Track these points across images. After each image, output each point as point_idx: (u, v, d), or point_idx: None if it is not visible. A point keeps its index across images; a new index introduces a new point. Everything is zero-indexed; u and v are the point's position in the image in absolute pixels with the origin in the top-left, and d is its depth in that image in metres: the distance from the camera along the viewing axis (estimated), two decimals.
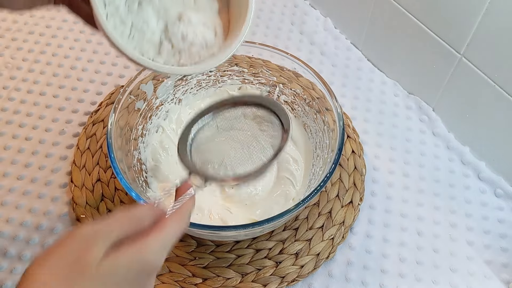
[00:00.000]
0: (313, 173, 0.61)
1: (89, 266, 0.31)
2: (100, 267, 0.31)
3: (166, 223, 0.35)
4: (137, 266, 0.33)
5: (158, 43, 0.44)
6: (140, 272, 0.33)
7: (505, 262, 0.59)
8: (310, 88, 0.62)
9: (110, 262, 0.32)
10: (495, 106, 0.61)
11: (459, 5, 0.60)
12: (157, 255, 0.34)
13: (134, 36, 0.43)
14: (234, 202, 0.60)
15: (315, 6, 0.88)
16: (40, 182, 0.64)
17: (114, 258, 0.32)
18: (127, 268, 0.32)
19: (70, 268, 0.31)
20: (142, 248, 0.33)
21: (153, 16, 0.43)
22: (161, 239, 0.34)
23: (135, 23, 0.43)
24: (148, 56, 0.43)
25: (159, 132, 0.65)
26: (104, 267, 0.31)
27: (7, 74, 0.76)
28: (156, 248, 0.34)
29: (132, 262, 0.33)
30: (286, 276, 0.56)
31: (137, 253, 0.33)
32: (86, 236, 0.32)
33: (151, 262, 0.33)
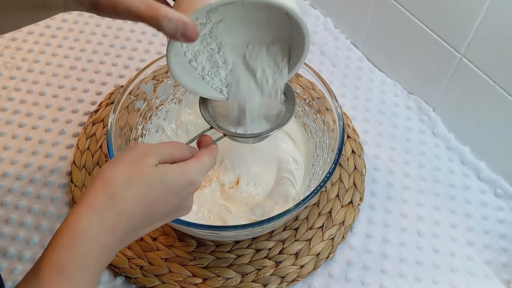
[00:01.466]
0: (313, 173, 0.61)
1: (147, 167, 0.40)
2: (154, 169, 0.40)
3: (201, 154, 0.44)
4: (181, 178, 0.41)
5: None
6: (184, 184, 0.41)
7: (505, 262, 0.59)
8: (310, 88, 0.62)
9: (162, 169, 0.40)
10: (495, 106, 0.61)
11: (459, 5, 0.60)
12: (196, 176, 0.42)
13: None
14: (234, 202, 0.60)
15: (315, 6, 0.88)
16: (40, 182, 0.64)
17: (165, 167, 0.41)
18: (174, 177, 0.41)
19: (131, 167, 0.39)
20: (185, 167, 0.42)
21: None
22: (199, 164, 0.43)
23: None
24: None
25: (159, 132, 0.65)
26: (158, 170, 0.40)
27: (7, 74, 0.76)
28: (195, 169, 0.42)
29: (178, 173, 0.41)
30: (286, 276, 0.56)
31: (181, 169, 0.41)
32: (144, 149, 0.41)
33: (192, 178, 0.42)
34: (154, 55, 0.79)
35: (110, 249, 0.38)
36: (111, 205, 0.38)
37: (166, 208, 0.41)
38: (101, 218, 0.37)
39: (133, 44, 0.81)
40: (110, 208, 0.38)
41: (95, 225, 0.37)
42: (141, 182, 0.39)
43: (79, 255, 0.36)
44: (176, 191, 0.41)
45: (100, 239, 0.37)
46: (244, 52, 0.49)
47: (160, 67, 0.61)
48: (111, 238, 0.38)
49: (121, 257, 0.57)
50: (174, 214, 0.43)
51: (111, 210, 0.38)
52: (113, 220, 0.38)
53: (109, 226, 0.37)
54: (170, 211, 0.42)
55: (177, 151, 0.43)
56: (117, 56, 0.79)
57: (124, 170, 0.39)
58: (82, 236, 0.36)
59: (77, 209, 0.37)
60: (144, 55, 0.80)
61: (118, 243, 0.39)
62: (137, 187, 0.39)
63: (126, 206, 0.38)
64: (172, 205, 0.41)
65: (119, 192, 0.38)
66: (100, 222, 0.37)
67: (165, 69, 0.62)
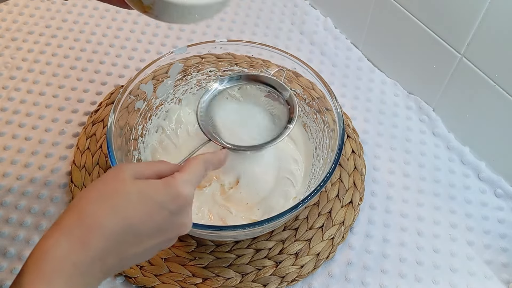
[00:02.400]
0: (313, 173, 0.61)
1: (122, 181, 0.37)
2: (131, 182, 0.37)
3: (187, 165, 0.40)
4: (164, 190, 0.37)
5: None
6: (169, 197, 0.37)
7: (505, 262, 0.59)
8: (310, 88, 0.62)
9: (140, 183, 0.37)
10: (495, 106, 0.61)
11: (459, 5, 0.60)
12: (182, 187, 0.38)
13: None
14: (234, 202, 0.60)
15: (315, 6, 0.88)
16: (40, 182, 0.64)
17: (144, 181, 0.37)
18: (155, 189, 0.37)
19: (104, 183, 0.37)
20: (168, 179, 0.38)
21: None
22: (184, 175, 0.39)
23: None
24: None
25: (159, 132, 0.65)
26: (135, 183, 0.37)
27: (7, 74, 0.76)
28: (180, 181, 0.38)
29: (160, 186, 0.37)
30: (286, 276, 0.56)
31: (164, 181, 0.38)
32: (120, 166, 0.38)
33: (178, 190, 0.38)
34: (154, 55, 0.80)
35: (84, 267, 0.34)
36: (80, 221, 0.35)
37: (151, 224, 0.37)
38: (68, 235, 0.34)
39: (133, 44, 0.81)
40: (78, 223, 0.35)
41: (63, 242, 0.34)
42: (115, 196, 0.36)
43: (45, 276, 0.33)
44: (161, 204, 0.37)
45: (69, 256, 0.34)
46: None
47: (160, 67, 0.61)
48: (82, 254, 0.34)
49: None
50: (166, 232, 0.39)
51: (80, 226, 0.35)
52: (82, 234, 0.34)
53: (78, 241, 0.34)
54: (159, 228, 0.38)
55: (160, 166, 0.40)
56: (117, 56, 0.79)
57: (96, 187, 0.37)
58: (48, 254, 0.33)
59: (46, 232, 0.35)
60: (144, 55, 0.80)
61: (95, 261, 0.35)
62: (109, 200, 0.36)
63: (96, 219, 0.35)
64: (159, 220, 0.37)
65: (88, 207, 0.35)
66: (68, 239, 0.34)
67: (165, 69, 0.62)
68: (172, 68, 0.63)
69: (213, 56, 0.66)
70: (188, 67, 0.65)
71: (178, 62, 0.63)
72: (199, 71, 0.66)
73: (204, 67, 0.66)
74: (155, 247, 0.39)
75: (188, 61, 0.64)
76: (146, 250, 0.38)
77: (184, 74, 0.65)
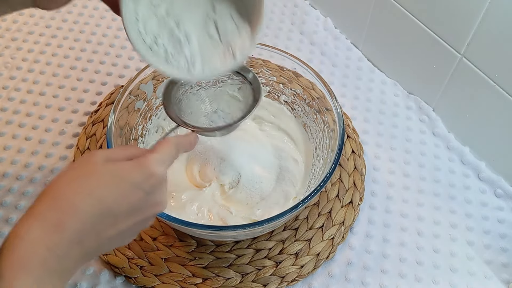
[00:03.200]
0: (313, 173, 0.61)
1: (93, 164, 0.37)
2: (102, 165, 0.37)
3: (158, 145, 0.40)
4: (137, 169, 0.37)
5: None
6: (142, 176, 0.37)
7: (505, 262, 0.59)
8: (310, 88, 0.62)
9: (111, 164, 0.37)
10: (495, 106, 0.61)
11: (459, 5, 0.60)
12: (154, 166, 0.38)
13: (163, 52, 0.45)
14: (234, 202, 0.60)
15: (315, 6, 0.88)
16: (40, 182, 0.64)
17: (115, 163, 0.37)
18: (127, 169, 0.37)
19: (75, 168, 0.37)
20: (140, 159, 0.38)
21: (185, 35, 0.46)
22: (156, 155, 0.39)
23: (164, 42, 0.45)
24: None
25: (159, 132, 0.65)
26: (106, 165, 0.37)
27: (7, 74, 0.76)
28: (152, 160, 0.38)
29: (132, 165, 0.37)
30: (286, 276, 0.56)
31: (136, 161, 0.38)
32: (91, 152, 0.39)
33: (150, 169, 0.38)
34: None
35: (59, 250, 0.34)
36: (53, 204, 0.35)
37: (127, 203, 0.37)
38: (42, 219, 0.34)
39: None
40: (51, 207, 0.35)
41: (36, 226, 0.34)
42: (87, 178, 0.36)
43: (19, 260, 0.33)
44: (134, 184, 0.37)
45: (43, 240, 0.33)
46: (206, 24, 0.46)
47: None
48: (57, 238, 0.34)
49: (121, 257, 0.57)
50: (142, 211, 0.38)
51: (53, 209, 0.34)
52: (55, 217, 0.34)
53: (52, 224, 0.34)
54: (135, 208, 0.37)
55: (132, 150, 0.40)
56: (117, 56, 0.79)
57: (69, 172, 0.37)
58: (22, 239, 0.33)
59: (20, 218, 0.35)
60: None
61: (72, 244, 0.34)
62: (82, 182, 0.36)
63: (70, 201, 0.35)
64: (134, 200, 0.37)
65: (61, 190, 0.35)
66: (42, 223, 0.34)
67: None
68: None
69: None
70: None
71: None
72: None
73: None
74: (132, 228, 0.38)
75: None
76: (123, 231, 0.38)
77: None
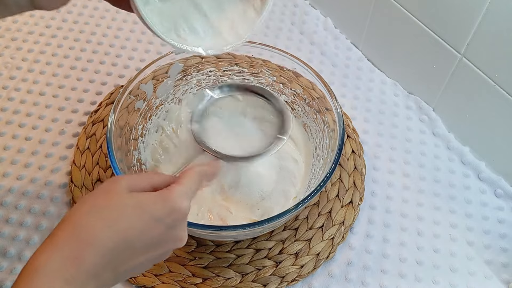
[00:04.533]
0: (313, 173, 0.61)
1: (115, 194, 0.36)
2: (126, 195, 0.36)
3: (182, 177, 0.40)
4: (161, 203, 0.36)
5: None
6: (166, 210, 0.36)
7: (505, 262, 0.59)
8: (310, 88, 0.62)
9: (135, 195, 0.36)
10: (495, 106, 0.61)
11: (459, 5, 0.60)
12: (179, 200, 0.37)
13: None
14: (234, 202, 0.60)
15: (315, 6, 0.88)
16: (40, 182, 0.64)
17: (139, 194, 0.37)
18: (152, 202, 0.36)
19: (97, 197, 0.36)
20: (164, 192, 0.37)
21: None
22: (181, 187, 0.38)
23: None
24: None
25: (159, 132, 0.65)
26: (130, 196, 0.36)
27: (7, 74, 0.76)
28: (177, 193, 0.38)
29: (157, 198, 0.37)
30: (286, 276, 0.56)
31: (160, 194, 0.37)
32: (113, 178, 0.38)
33: (175, 203, 0.37)
34: (154, 55, 0.79)
35: (77, 284, 0.33)
36: (74, 235, 0.34)
37: (147, 238, 0.36)
38: (61, 249, 0.33)
39: (133, 44, 0.81)
40: (72, 238, 0.33)
41: (56, 258, 0.33)
42: (109, 209, 0.35)
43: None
44: (157, 218, 0.36)
45: (61, 272, 0.32)
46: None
47: (160, 67, 0.61)
48: (75, 270, 0.33)
49: None
50: (162, 246, 0.38)
51: (73, 240, 0.33)
52: (75, 249, 0.33)
53: (72, 256, 0.33)
54: (155, 242, 0.37)
55: (155, 178, 0.39)
56: (117, 56, 0.79)
57: (91, 200, 0.36)
58: (40, 271, 0.32)
59: (39, 247, 0.34)
60: (144, 55, 0.80)
61: (89, 278, 0.33)
62: (103, 213, 0.35)
63: (91, 233, 0.34)
64: (155, 234, 0.36)
65: (82, 220, 0.34)
66: (61, 254, 0.33)
67: (165, 69, 0.62)
68: (172, 68, 0.63)
69: (213, 56, 0.66)
70: (188, 67, 0.65)
71: (178, 62, 0.63)
72: (199, 71, 0.66)
73: (204, 67, 0.66)
74: (150, 261, 0.38)
75: (188, 61, 0.64)
76: (141, 264, 0.37)
77: (184, 74, 0.65)
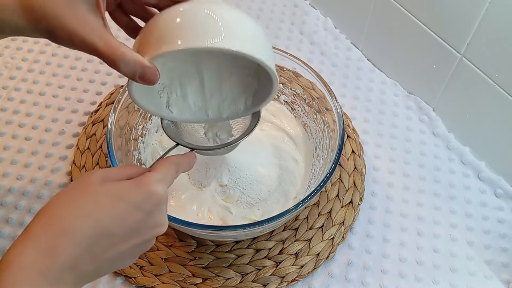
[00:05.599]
0: (313, 173, 0.61)
1: (89, 184, 0.35)
2: (99, 185, 0.35)
3: (158, 165, 0.40)
4: (136, 189, 0.36)
5: None
6: (142, 196, 0.36)
7: (505, 262, 0.59)
8: (310, 88, 0.62)
9: (109, 184, 0.36)
10: (495, 106, 0.61)
11: (459, 5, 0.60)
12: (154, 186, 0.37)
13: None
14: (234, 202, 0.60)
15: (315, 6, 0.88)
16: (40, 182, 0.64)
17: (113, 183, 0.36)
18: (126, 189, 0.36)
19: (71, 189, 0.36)
20: (139, 178, 0.37)
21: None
22: (156, 174, 0.38)
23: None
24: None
25: (159, 132, 0.65)
26: (103, 185, 0.35)
27: (7, 74, 0.76)
28: (152, 179, 0.37)
29: (131, 185, 0.36)
30: (286, 276, 0.56)
31: (135, 181, 0.37)
32: (88, 172, 0.37)
33: (150, 189, 0.37)
34: None
35: (53, 275, 0.32)
36: (48, 226, 0.33)
37: (125, 224, 0.35)
38: (36, 242, 0.32)
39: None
40: (46, 229, 0.33)
41: (30, 250, 0.32)
42: (83, 199, 0.35)
43: (10, 286, 0.31)
44: (133, 204, 0.35)
45: (36, 264, 0.32)
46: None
47: None
48: (50, 262, 0.32)
49: None
50: (142, 233, 0.37)
51: (47, 231, 0.33)
52: (50, 240, 0.33)
53: (46, 247, 0.32)
54: (134, 229, 0.36)
55: (131, 169, 0.39)
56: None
57: (65, 192, 0.35)
58: (14, 264, 0.32)
59: (15, 240, 0.33)
60: None
61: (65, 269, 0.33)
62: (78, 203, 0.34)
63: (65, 223, 0.33)
64: (134, 221, 0.36)
65: (56, 211, 0.34)
66: (35, 246, 0.32)
67: None
68: None
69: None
70: None
71: None
72: None
73: None
74: (132, 250, 0.37)
75: None
76: (122, 254, 0.36)
77: None
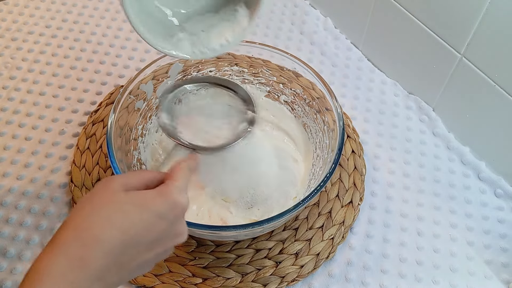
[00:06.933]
0: (313, 173, 0.61)
1: (113, 192, 0.36)
2: (123, 193, 0.36)
3: (173, 173, 0.40)
4: (162, 199, 0.37)
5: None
6: (167, 206, 0.37)
7: (505, 262, 0.59)
8: (310, 88, 0.62)
9: (133, 193, 0.36)
10: (495, 106, 0.61)
11: (459, 5, 0.60)
12: (177, 195, 0.38)
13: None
14: (234, 202, 0.60)
15: (315, 6, 0.88)
16: (40, 182, 0.64)
17: (137, 192, 0.37)
18: (152, 198, 0.36)
19: (93, 196, 0.36)
20: (162, 188, 0.38)
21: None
22: (176, 183, 0.39)
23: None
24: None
25: (159, 132, 0.65)
26: (128, 194, 0.36)
27: (7, 74, 0.76)
28: (174, 189, 0.38)
29: (156, 195, 0.37)
30: (286, 276, 0.56)
31: (159, 191, 0.37)
32: (107, 178, 0.38)
33: (174, 199, 0.37)
34: (154, 55, 0.79)
35: (81, 286, 0.33)
36: (76, 236, 0.33)
37: (151, 234, 0.36)
38: (65, 252, 0.33)
39: (133, 44, 0.81)
40: (75, 239, 0.33)
41: (60, 260, 0.32)
42: (110, 207, 0.35)
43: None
44: (160, 214, 0.36)
45: (66, 274, 0.32)
46: None
47: (160, 67, 0.61)
48: (80, 273, 0.32)
49: None
50: (164, 242, 0.38)
51: (76, 241, 0.33)
52: (79, 250, 0.33)
53: (76, 257, 0.33)
54: (158, 238, 0.37)
55: (147, 175, 0.39)
56: (117, 56, 0.79)
57: (88, 200, 0.36)
58: (44, 274, 0.32)
59: (42, 251, 0.33)
60: (144, 55, 0.80)
61: (93, 279, 0.33)
62: (105, 212, 0.35)
63: (93, 233, 0.34)
64: (158, 230, 0.36)
65: (83, 221, 0.34)
66: (65, 256, 0.33)
67: (165, 69, 0.62)
68: (172, 68, 0.63)
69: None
70: (188, 67, 0.65)
71: (178, 62, 0.63)
72: (199, 71, 0.66)
73: (204, 67, 0.66)
74: (152, 259, 0.38)
75: (188, 61, 0.64)
76: (143, 263, 0.37)
77: (184, 74, 0.65)
